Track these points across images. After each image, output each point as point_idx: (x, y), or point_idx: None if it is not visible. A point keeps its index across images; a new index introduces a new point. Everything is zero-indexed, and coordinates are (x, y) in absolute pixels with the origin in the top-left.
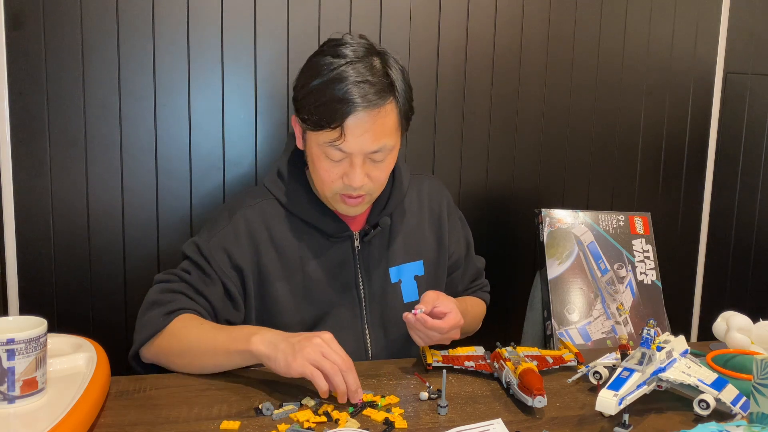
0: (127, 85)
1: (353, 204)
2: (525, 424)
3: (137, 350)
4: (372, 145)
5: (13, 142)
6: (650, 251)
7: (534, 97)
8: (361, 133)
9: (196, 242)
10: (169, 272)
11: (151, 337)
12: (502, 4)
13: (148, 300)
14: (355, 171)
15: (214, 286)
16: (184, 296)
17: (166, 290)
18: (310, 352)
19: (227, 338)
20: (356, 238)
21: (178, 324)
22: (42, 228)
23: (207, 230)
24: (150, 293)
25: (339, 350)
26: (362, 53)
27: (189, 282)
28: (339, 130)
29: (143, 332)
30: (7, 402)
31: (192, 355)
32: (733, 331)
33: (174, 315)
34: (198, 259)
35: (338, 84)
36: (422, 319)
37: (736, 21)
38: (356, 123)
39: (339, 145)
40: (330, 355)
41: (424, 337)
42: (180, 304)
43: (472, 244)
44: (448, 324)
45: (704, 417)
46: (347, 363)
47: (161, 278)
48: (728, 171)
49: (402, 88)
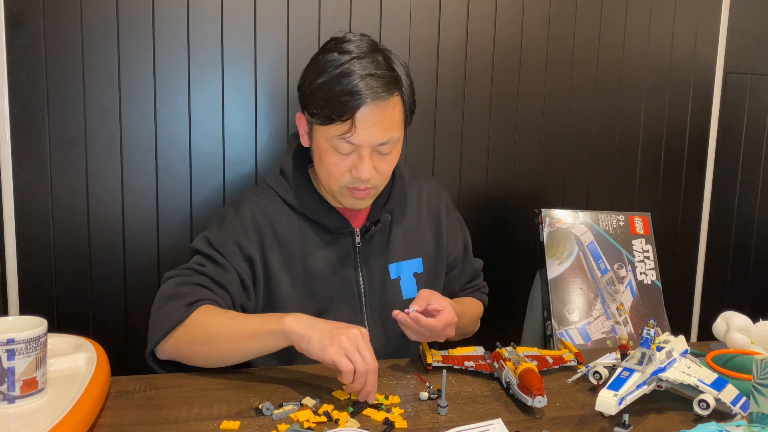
0: (127, 85)
1: (361, 196)
2: (525, 424)
3: (155, 345)
4: (380, 137)
5: (13, 142)
6: (650, 251)
7: (534, 97)
8: (371, 125)
9: (207, 237)
10: (182, 268)
11: (171, 330)
12: (502, 4)
13: (163, 294)
14: (364, 163)
15: (230, 276)
16: (203, 288)
17: (183, 283)
18: (347, 341)
19: (257, 322)
20: (357, 235)
21: (201, 314)
22: (42, 228)
23: (216, 225)
24: (164, 288)
25: (371, 349)
26: (366, 49)
27: (206, 274)
28: (349, 122)
29: (162, 326)
30: (7, 402)
31: (217, 342)
32: (733, 331)
33: (195, 306)
34: (210, 252)
35: (345, 78)
36: (415, 318)
37: (736, 21)
38: (365, 115)
39: (349, 138)
40: (364, 351)
41: (417, 335)
42: (201, 295)
43: (470, 245)
44: (442, 322)
45: (704, 417)
46: (375, 364)
47: (174, 273)
48: (728, 171)
49: (406, 83)
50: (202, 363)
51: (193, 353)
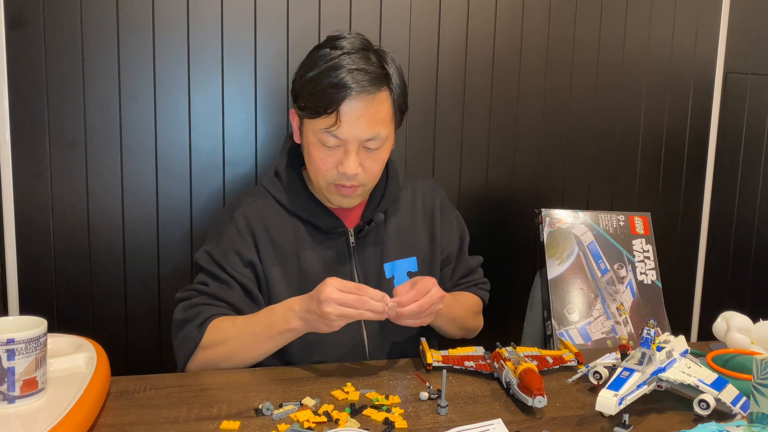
0: (127, 85)
1: (347, 194)
2: (525, 424)
3: (183, 368)
4: (366, 132)
5: (13, 142)
6: (650, 251)
7: (534, 97)
8: (356, 119)
9: (208, 251)
10: (188, 288)
11: (192, 353)
12: (502, 4)
13: (176, 320)
14: (349, 158)
15: (233, 291)
16: (207, 306)
17: (189, 306)
18: (331, 313)
19: (264, 326)
20: (351, 235)
21: (213, 331)
22: (42, 228)
23: (215, 236)
24: (176, 313)
25: (345, 289)
26: (359, 46)
27: (210, 294)
28: (334, 115)
29: (183, 350)
30: (7, 402)
31: (238, 355)
32: (733, 331)
33: (206, 324)
34: (213, 268)
35: (334, 71)
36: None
37: (736, 21)
38: (351, 109)
39: (334, 132)
40: (346, 301)
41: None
42: (207, 314)
43: (466, 242)
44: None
45: (704, 417)
46: (360, 291)
47: (182, 296)
48: (728, 171)
49: (397, 82)
50: (232, 367)
51: (220, 365)
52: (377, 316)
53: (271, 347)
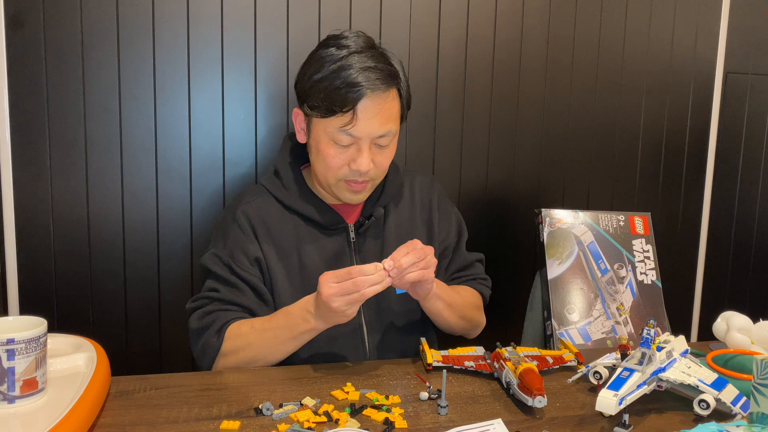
0: (127, 86)
1: (359, 189)
2: (525, 424)
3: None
4: (380, 129)
5: (13, 142)
6: (650, 251)
7: (534, 97)
8: (371, 116)
9: (216, 253)
10: (198, 297)
11: (214, 360)
12: (502, 4)
13: (192, 330)
14: (363, 155)
15: (244, 294)
16: (221, 311)
17: (204, 315)
18: (339, 306)
19: (284, 328)
20: (351, 230)
21: (233, 336)
22: (42, 228)
23: (220, 238)
24: (191, 322)
25: (340, 278)
26: (363, 45)
27: (220, 299)
28: (351, 114)
29: (205, 358)
30: (7, 402)
31: (263, 358)
32: (733, 331)
33: (223, 330)
34: (222, 271)
35: (345, 71)
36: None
37: (736, 21)
38: (366, 107)
39: (349, 130)
40: (345, 289)
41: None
42: (223, 319)
43: (464, 236)
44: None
45: (704, 417)
46: (353, 274)
47: (194, 306)
48: (728, 171)
49: (403, 79)
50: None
51: (243, 366)
52: (380, 286)
53: (296, 346)
